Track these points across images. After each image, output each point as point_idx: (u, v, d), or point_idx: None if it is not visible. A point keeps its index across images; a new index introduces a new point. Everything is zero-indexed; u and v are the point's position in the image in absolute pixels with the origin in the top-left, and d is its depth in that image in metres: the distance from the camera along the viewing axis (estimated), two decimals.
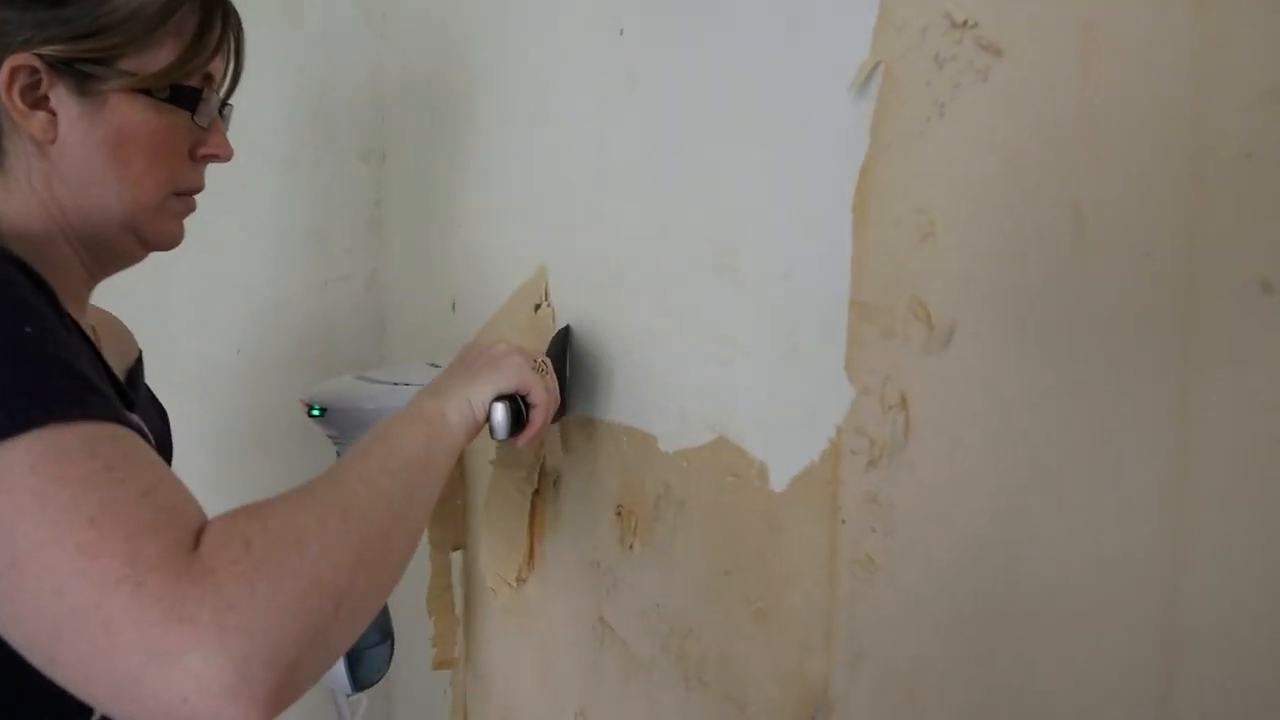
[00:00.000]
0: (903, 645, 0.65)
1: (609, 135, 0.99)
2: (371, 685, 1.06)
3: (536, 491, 1.15)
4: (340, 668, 1.02)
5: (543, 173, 1.14)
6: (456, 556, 1.43)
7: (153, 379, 1.60)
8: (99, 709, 0.54)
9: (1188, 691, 0.48)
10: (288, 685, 0.54)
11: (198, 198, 0.87)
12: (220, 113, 0.87)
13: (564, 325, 1.05)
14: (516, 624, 1.25)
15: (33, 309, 0.62)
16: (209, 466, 1.64)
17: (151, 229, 0.82)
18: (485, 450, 1.28)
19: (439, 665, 1.41)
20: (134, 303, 1.60)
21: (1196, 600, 0.48)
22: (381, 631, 1.06)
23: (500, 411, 0.85)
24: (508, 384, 0.86)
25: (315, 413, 1.02)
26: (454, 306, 1.41)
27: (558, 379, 0.96)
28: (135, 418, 0.64)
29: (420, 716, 1.66)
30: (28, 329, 0.59)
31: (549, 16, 1.11)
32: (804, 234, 0.72)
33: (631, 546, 0.97)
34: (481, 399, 0.84)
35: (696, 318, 0.85)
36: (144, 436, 0.61)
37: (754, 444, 0.78)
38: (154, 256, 0.85)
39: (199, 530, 0.56)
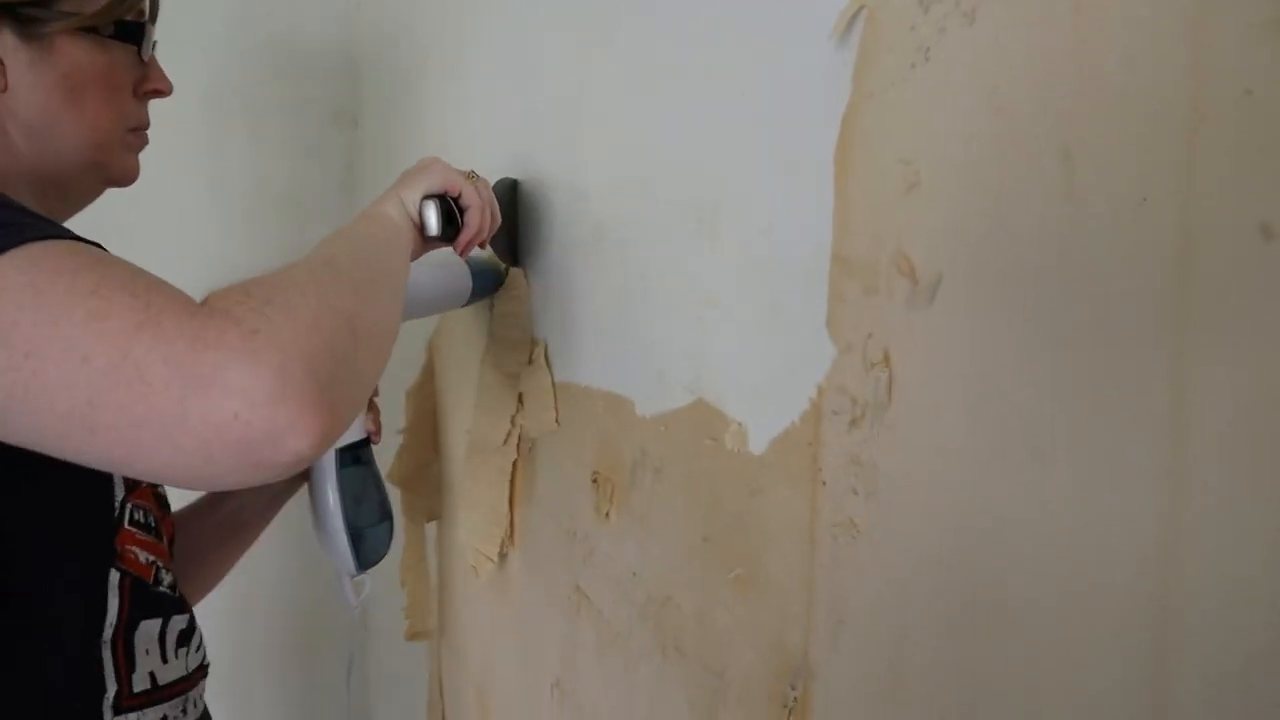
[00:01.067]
0: (884, 612, 0.63)
1: (587, 91, 0.96)
2: (374, 564, 1.07)
3: (515, 461, 1.13)
4: (345, 547, 1.03)
5: (519, 133, 1.11)
6: (430, 528, 1.41)
7: None
8: (152, 472, 0.55)
9: (1181, 654, 0.46)
10: (329, 396, 0.55)
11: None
12: (152, 46, 0.87)
13: (512, 179, 1.08)
14: (492, 595, 1.23)
15: None
16: None
17: (112, 165, 0.84)
18: (462, 419, 1.26)
19: (413, 636, 1.39)
20: None
21: (1194, 565, 0.46)
22: (382, 510, 1.07)
23: (430, 208, 0.88)
24: (434, 183, 0.89)
25: None
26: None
27: (509, 226, 1.02)
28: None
29: (395, 689, 1.64)
30: None
31: None
32: (785, 187, 0.70)
33: (608, 514, 0.94)
34: (412, 198, 0.87)
35: (676, 276, 0.82)
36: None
37: (733, 406, 0.76)
38: (119, 224, 0.87)
39: (194, 302, 0.57)
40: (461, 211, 0.91)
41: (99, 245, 0.62)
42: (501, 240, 1.05)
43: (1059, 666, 0.52)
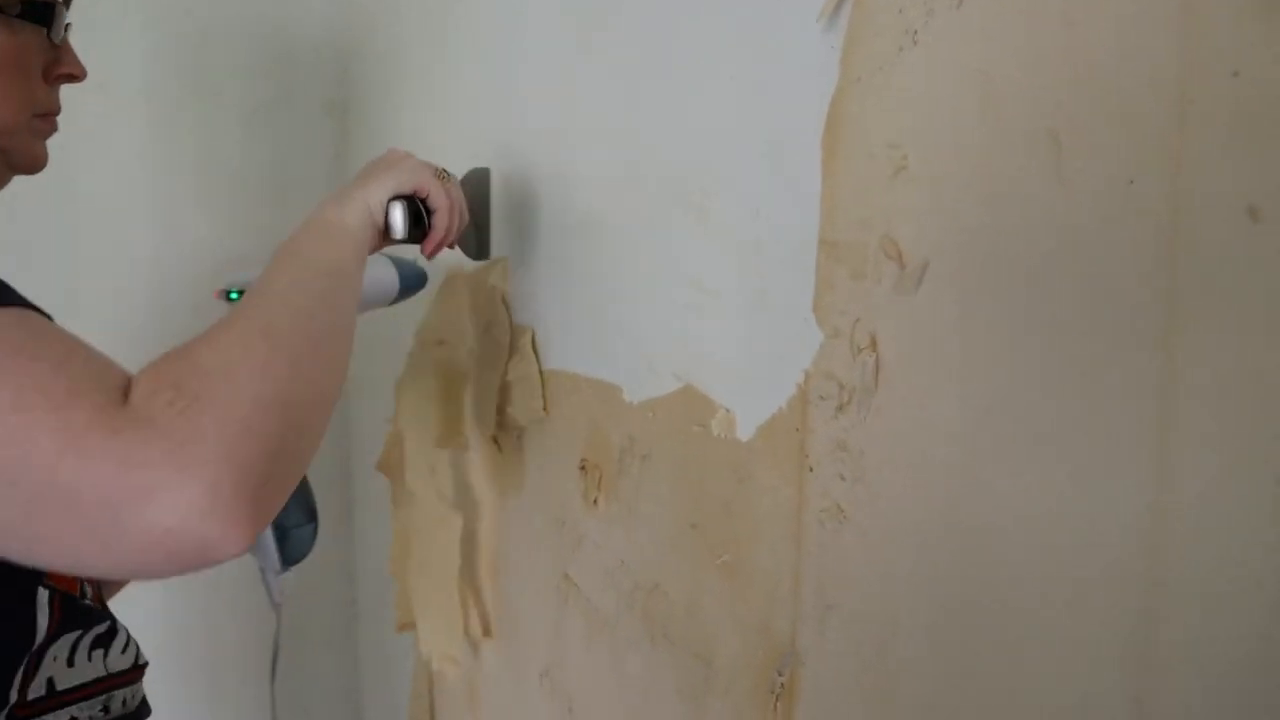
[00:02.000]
0: (872, 598, 0.63)
1: (575, 78, 0.95)
2: (298, 562, 1.10)
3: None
4: (270, 545, 1.06)
5: (508, 120, 1.10)
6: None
7: (110, 333, 1.57)
8: (95, 573, 0.58)
9: (1168, 640, 0.46)
10: (262, 499, 0.55)
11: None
12: (65, 30, 0.82)
13: (484, 167, 1.05)
14: (483, 579, 1.22)
15: None
16: None
17: (18, 152, 0.79)
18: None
19: (402, 628, 1.38)
20: (91, 259, 1.56)
21: (1181, 549, 0.46)
22: (307, 511, 1.09)
23: (397, 210, 0.85)
24: (403, 184, 0.86)
25: (234, 296, 1.01)
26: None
27: (480, 217, 0.99)
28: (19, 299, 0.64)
29: (386, 680, 1.64)
30: None
31: None
32: (773, 171, 0.69)
33: (596, 502, 0.94)
34: (378, 199, 0.84)
35: (664, 262, 0.82)
36: (44, 313, 0.62)
37: (721, 392, 0.76)
38: (108, 213, 0.83)
39: (125, 387, 0.56)
40: (429, 213, 0.89)
41: (23, 303, 0.61)
42: (469, 235, 1.03)
43: (1045, 650, 0.52)
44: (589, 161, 0.93)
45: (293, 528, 1.08)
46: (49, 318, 0.63)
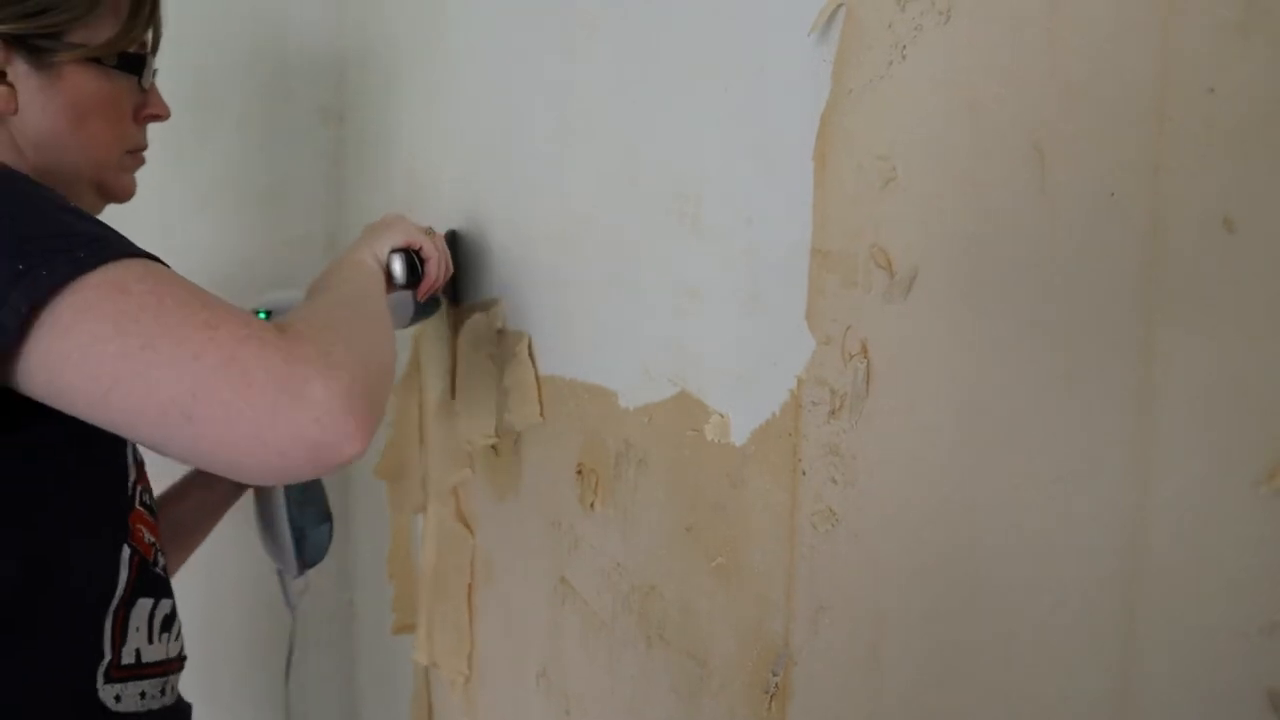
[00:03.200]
0: (863, 599, 0.64)
1: (570, 88, 0.97)
2: (315, 564, 1.16)
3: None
4: (289, 547, 1.12)
5: (505, 129, 1.12)
6: (416, 520, 1.41)
7: None
8: (230, 462, 0.64)
9: (1151, 640, 0.48)
10: (373, 409, 0.67)
11: (148, 155, 0.99)
12: (153, 75, 0.95)
13: (450, 229, 1.20)
14: (479, 586, 1.24)
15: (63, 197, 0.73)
16: None
17: (112, 184, 0.92)
18: (446, 414, 1.26)
19: (400, 629, 1.40)
20: None
21: (1161, 551, 0.47)
22: (321, 514, 1.16)
23: (398, 261, 1.00)
24: (399, 239, 1.00)
25: (262, 316, 1.09)
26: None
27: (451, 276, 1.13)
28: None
29: (383, 681, 1.65)
30: (73, 204, 0.72)
31: None
32: (766, 181, 0.71)
33: (592, 505, 0.96)
34: (382, 251, 0.99)
35: (659, 269, 0.83)
36: None
37: (715, 397, 0.77)
38: (110, 218, 0.89)
39: None
40: (422, 262, 1.03)
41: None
42: (447, 284, 1.16)
43: (1034, 651, 0.53)
44: (584, 169, 0.95)
45: (310, 529, 1.13)
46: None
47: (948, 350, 0.57)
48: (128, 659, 0.81)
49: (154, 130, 1.57)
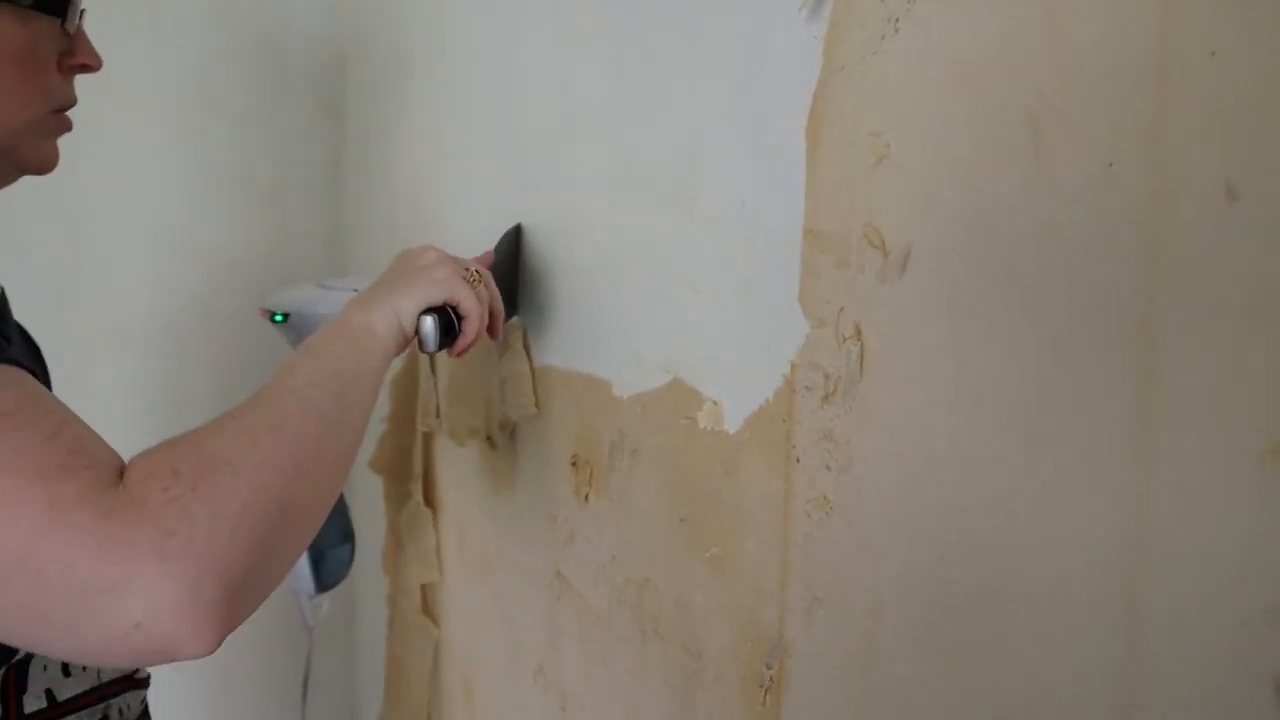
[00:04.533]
0: (858, 588, 0.63)
1: (566, 78, 0.95)
2: (334, 585, 1.09)
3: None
4: (305, 569, 1.05)
5: (506, 121, 1.10)
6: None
7: (109, 336, 1.57)
8: (54, 655, 0.55)
9: (1154, 629, 0.46)
10: (242, 600, 0.54)
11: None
12: (79, 18, 0.77)
13: (515, 224, 1.02)
14: (476, 582, 1.22)
15: None
16: (170, 423, 1.60)
17: (28, 150, 0.74)
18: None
19: (391, 610, 1.39)
20: (88, 259, 1.56)
21: (1163, 534, 0.45)
22: (342, 532, 1.09)
23: (429, 324, 0.82)
24: (436, 296, 0.82)
25: (278, 319, 1.03)
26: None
27: (510, 279, 0.94)
28: (14, 355, 0.61)
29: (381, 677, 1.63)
30: None
31: None
32: (759, 163, 0.69)
33: (587, 497, 0.94)
34: (409, 311, 0.80)
35: (652, 256, 0.82)
36: (30, 369, 0.59)
37: (709, 384, 0.76)
38: (105, 217, 0.81)
39: (119, 468, 0.55)
40: (459, 319, 0.85)
41: (17, 365, 0.59)
42: (503, 295, 0.98)
43: (1034, 641, 0.52)
44: (580, 159, 0.93)
45: (327, 549, 1.06)
46: (32, 371, 0.60)
47: (943, 331, 0.55)
48: (33, 705, 0.70)
49: (155, 124, 1.57)
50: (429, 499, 1.33)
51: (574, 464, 0.96)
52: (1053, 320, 0.50)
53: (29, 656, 0.69)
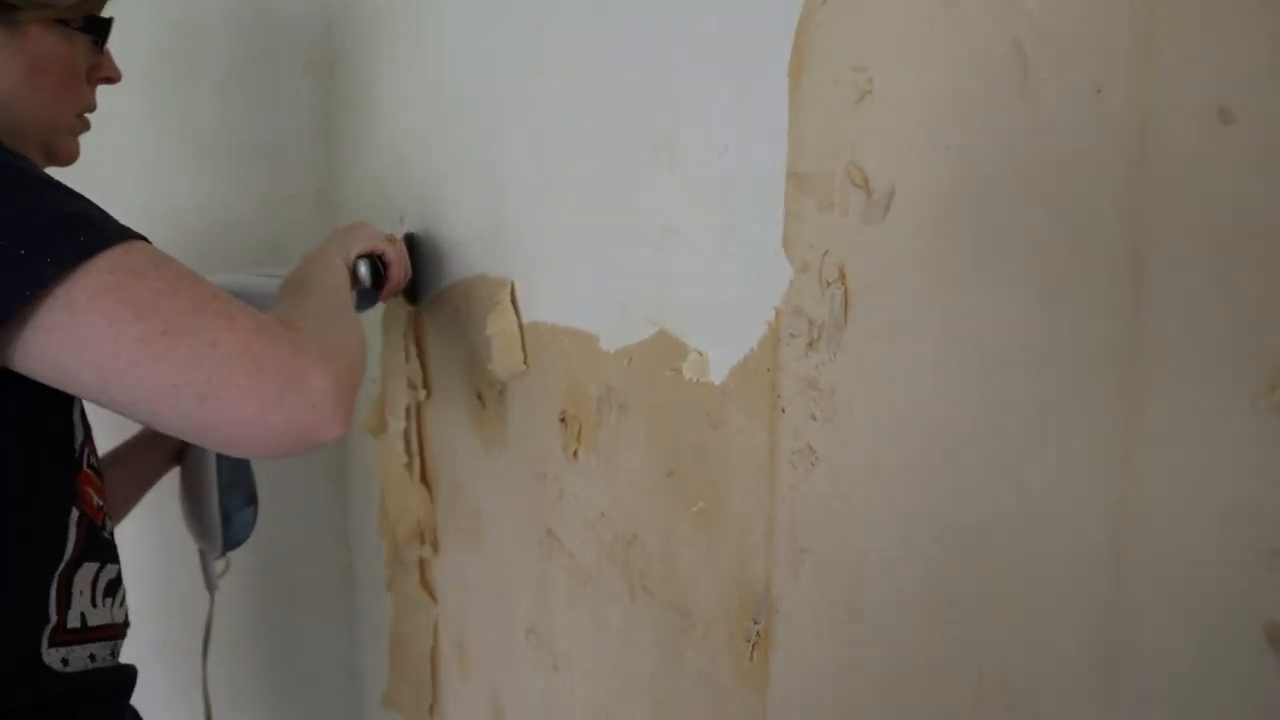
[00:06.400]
0: (844, 538, 0.61)
1: (545, 25, 0.93)
2: (238, 545, 1.18)
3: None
4: (215, 528, 1.14)
5: (483, 74, 1.08)
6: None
7: None
8: (230, 439, 0.69)
9: (1141, 575, 0.44)
10: (351, 400, 0.73)
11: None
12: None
13: (407, 233, 1.25)
14: (468, 544, 1.21)
15: (45, 177, 0.73)
16: None
17: (60, 147, 0.91)
18: (451, 363, 1.23)
19: (392, 585, 1.38)
20: None
21: (1152, 476, 0.44)
22: (249, 496, 1.18)
23: (363, 266, 1.08)
24: (365, 246, 1.08)
25: None
26: (402, 220, 1.36)
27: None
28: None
29: (382, 642, 1.63)
30: (58, 183, 0.73)
31: None
32: (741, 106, 0.67)
33: (576, 454, 0.92)
34: (351, 255, 1.06)
35: (634, 206, 0.80)
36: None
37: (693, 335, 0.74)
38: (96, 179, 0.93)
39: None
40: (385, 266, 1.11)
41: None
42: (408, 286, 1.23)
43: (1019, 592, 0.50)
44: (561, 108, 0.91)
45: (235, 511, 1.16)
46: None
47: (928, 272, 0.54)
48: (73, 623, 0.80)
49: (137, 87, 1.54)
50: (423, 469, 1.32)
51: (563, 420, 0.94)
52: (1040, 257, 0.48)
53: (71, 571, 0.79)
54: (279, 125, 1.67)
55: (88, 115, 0.94)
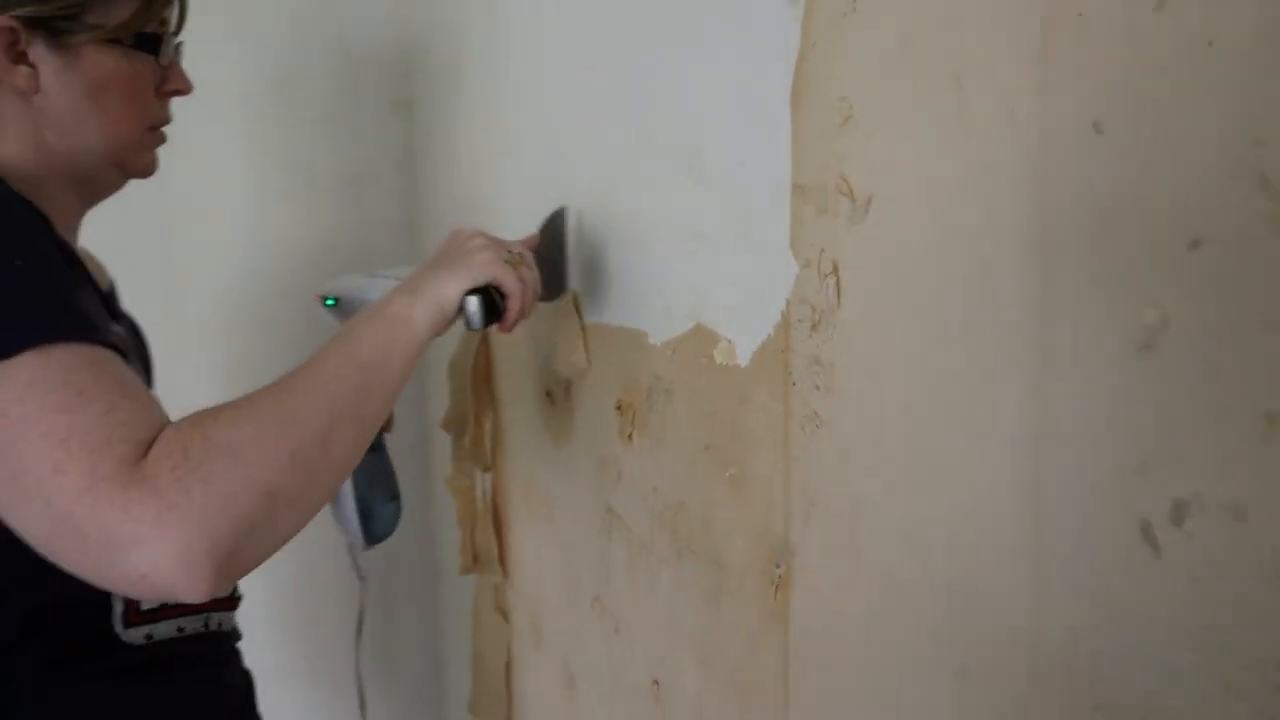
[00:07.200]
0: (843, 488, 0.73)
1: (598, 65, 1.07)
2: (382, 540, 1.19)
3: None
4: (355, 524, 1.15)
5: (544, 108, 1.22)
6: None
7: (202, 327, 1.73)
8: (97, 585, 0.68)
9: (1053, 485, 0.56)
10: (229, 565, 0.66)
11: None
12: (175, 51, 0.96)
13: (560, 207, 1.13)
14: (541, 529, 1.35)
15: (26, 243, 0.74)
16: None
17: (132, 162, 0.94)
18: (515, 373, 1.37)
19: (465, 571, 1.52)
20: (182, 251, 1.72)
21: (1061, 406, 0.55)
22: (390, 491, 1.19)
23: (473, 304, 0.91)
24: (479, 278, 0.91)
25: (329, 303, 1.14)
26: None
27: (557, 258, 1.08)
28: (117, 328, 0.77)
29: (466, 630, 1.77)
30: (18, 262, 0.72)
31: None
32: (754, 128, 0.80)
33: (630, 437, 1.06)
34: (452, 295, 0.89)
35: (672, 218, 0.93)
36: (119, 348, 0.73)
37: (724, 326, 0.87)
38: (197, 207, 0.97)
39: (151, 440, 0.68)
40: (503, 298, 0.94)
41: (115, 326, 0.75)
42: (548, 277, 1.06)
43: (965, 511, 0.62)
44: (613, 134, 1.05)
45: (376, 506, 1.17)
46: (123, 343, 0.75)
47: (899, 260, 0.66)
48: (149, 603, 0.86)
49: (239, 121, 1.72)
50: (495, 462, 1.46)
51: (619, 408, 1.08)
52: (972, 240, 0.60)
53: None
54: (368, 157, 1.84)
55: (164, 129, 0.97)
